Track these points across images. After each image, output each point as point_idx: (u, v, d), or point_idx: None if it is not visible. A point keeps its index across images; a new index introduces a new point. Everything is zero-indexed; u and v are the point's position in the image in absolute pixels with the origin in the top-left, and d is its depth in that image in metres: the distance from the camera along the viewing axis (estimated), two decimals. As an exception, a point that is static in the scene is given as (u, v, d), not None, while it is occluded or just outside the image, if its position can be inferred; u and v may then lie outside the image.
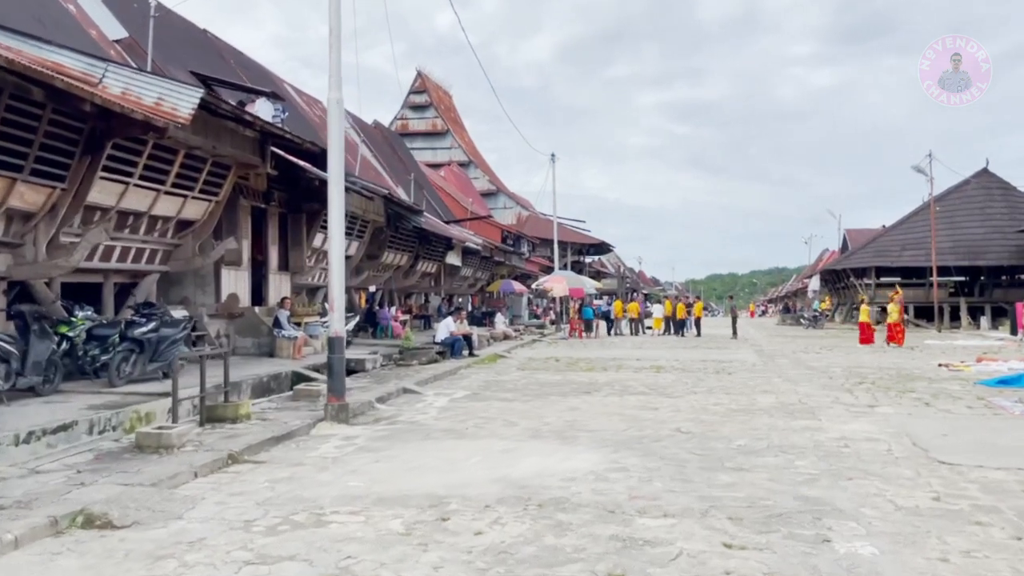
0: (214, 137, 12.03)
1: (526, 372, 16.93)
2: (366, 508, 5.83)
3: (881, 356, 21.00)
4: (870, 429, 9.44)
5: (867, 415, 10.60)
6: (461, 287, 36.18)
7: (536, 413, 10.84)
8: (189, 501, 5.97)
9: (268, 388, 12.26)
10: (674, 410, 11.14)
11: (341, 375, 9.63)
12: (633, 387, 13.99)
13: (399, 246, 24.27)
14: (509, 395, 12.86)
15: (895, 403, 11.80)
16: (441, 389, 13.67)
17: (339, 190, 9.70)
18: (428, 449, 8.17)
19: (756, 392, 13.26)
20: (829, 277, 51.50)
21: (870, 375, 15.88)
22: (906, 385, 14.11)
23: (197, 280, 14.87)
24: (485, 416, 10.56)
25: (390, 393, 12.37)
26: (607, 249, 72.37)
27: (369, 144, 34.43)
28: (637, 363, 19.16)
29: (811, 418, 10.34)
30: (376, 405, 11.32)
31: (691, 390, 13.56)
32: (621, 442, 8.53)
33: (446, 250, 29.44)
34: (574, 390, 13.56)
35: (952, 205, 40.63)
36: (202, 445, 7.84)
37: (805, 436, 8.93)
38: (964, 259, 38.66)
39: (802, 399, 12.26)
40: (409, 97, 65.79)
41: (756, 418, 10.36)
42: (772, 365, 18.68)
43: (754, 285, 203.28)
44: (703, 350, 24.42)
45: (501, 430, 9.40)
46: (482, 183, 65.13)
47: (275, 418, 9.61)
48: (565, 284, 32.48)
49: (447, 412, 10.95)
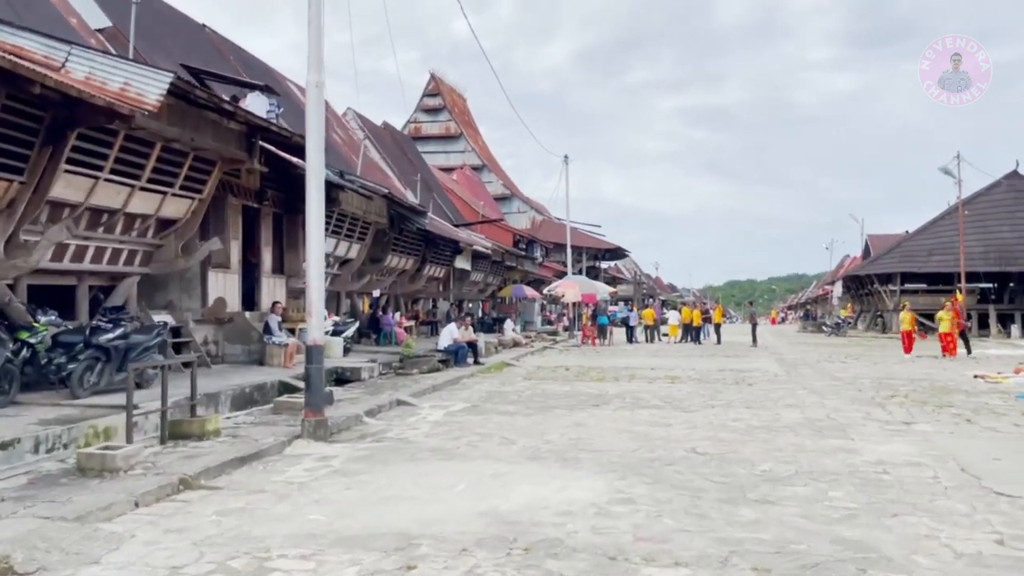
0: (192, 129, 11.19)
1: (532, 382, 15.97)
2: (320, 551, 4.90)
3: (911, 367, 19.85)
4: (910, 451, 8.41)
5: (904, 434, 9.57)
6: (471, 292, 35.28)
7: (538, 429, 9.88)
8: (114, 540, 5.06)
9: (251, 399, 11.38)
10: (689, 427, 10.15)
11: (319, 387, 8.73)
12: (645, 400, 13.00)
13: (404, 249, 23.39)
14: (511, 408, 11.92)
15: (933, 419, 10.75)
16: (439, 401, 12.74)
17: (318, 183, 8.82)
18: (410, 473, 7.23)
19: (779, 406, 12.24)
20: (852, 283, 50.18)
21: (902, 387, 14.80)
22: (942, 399, 13.03)
23: (182, 283, 14.04)
24: (481, 432, 9.61)
25: (381, 405, 11.45)
26: (623, 254, 71.31)
27: (377, 144, 33.66)
28: (651, 373, 18.15)
29: (842, 437, 9.32)
30: (364, 419, 10.40)
31: (708, 403, 12.55)
32: (629, 466, 7.56)
33: (455, 254, 28.55)
34: (582, 403, 12.59)
35: (981, 208, 39.29)
36: (154, 467, 6.94)
37: (837, 459, 7.92)
38: (994, 265, 37.33)
39: (830, 414, 11.23)
40: (423, 100, 65.15)
41: (780, 437, 9.35)
42: (795, 375, 17.62)
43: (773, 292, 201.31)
44: (721, 359, 23.35)
45: (496, 450, 8.45)
46: (496, 187, 64.34)
47: (247, 435, 8.71)
48: (578, 289, 31.48)
49: (440, 428, 10.02)
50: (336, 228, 18.22)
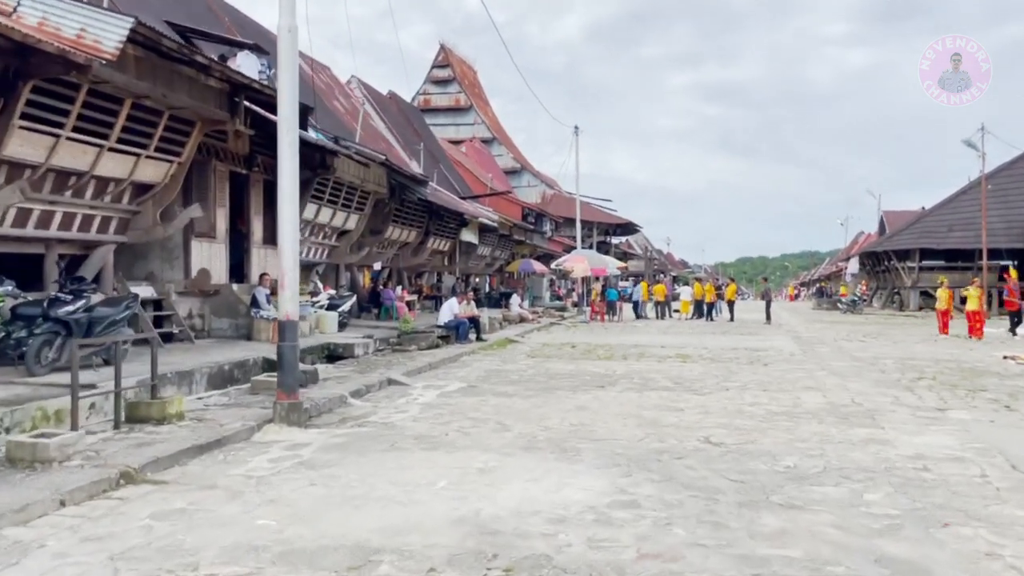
0: (165, 84, 10.28)
1: (536, 360, 15.13)
2: (258, 570, 4.08)
3: (935, 347, 18.89)
4: (949, 443, 7.53)
5: (939, 422, 8.68)
6: (478, 266, 34.40)
7: (537, 413, 9.04)
8: (16, 552, 4.26)
9: (230, 378, 10.58)
10: (702, 411, 9.29)
11: (293, 367, 7.89)
12: (655, 380, 12.15)
13: (406, 221, 22.50)
14: (510, 389, 11.09)
15: (968, 405, 9.85)
16: (434, 380, 11.92)
17: (291, 139, 7.91)
18: (387, 466, 6.40)
19: (799, 389, 11.36)
20: (868, 260, 48.98)
21: (928, 369, 13.88)
22: (974, 382, 12.12)
23: (164, 253, 13.23)
24: (474, 417, 8.78)
25: (370, 385, 10.63)
26: (634, 229, 70.20)
27: (382, 114, 32.67)
28: (661, 351, 17.27)
29: (872, 425, 8.43)
30: (349, 400, 9.59)
31: (722, 385, 11.68)
32: (635, 459, 6.71)
33: (460, 227, 27.65)
34: (586, 383, 11.75)
35: (1004, 183, 37.96)
36: (96, 458, 6.14)
37: (870, 453, 7.04)
38: (1017, 241, 36.06)
39: (855, 399, 10.34)
40: (432, 72, 63.87)
41: (803, 424, 8.48)
42: (812, 355, 16.71)
43: (785, 268, 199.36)
44: (735, 336, 22.44)
45: (488, 437, 7.62)
46: (506, 160, 63.24)
47: (214, 418, 7.90)
48: (587, 264, 30.53)
49: (431, 411, 9.20)
50: (332, 197, 17.35)
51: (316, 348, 13.49)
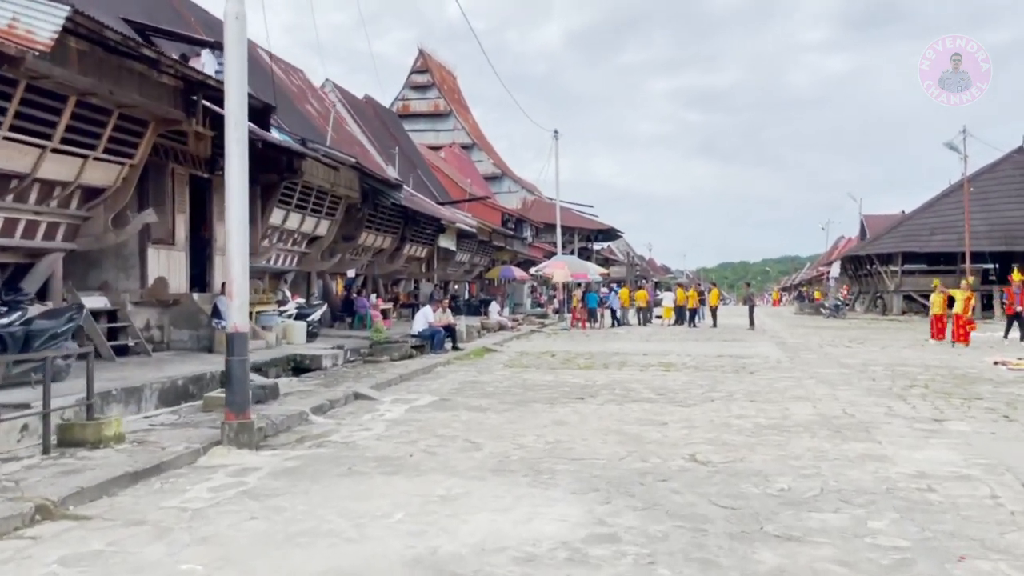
0: (112, 80, 9.62)
1: (513, 370, 14.54)
2: (170, 631, 3.46)
3: (923, 352, 18.49)
4: (952, 459, 7.01)
5: (939, 435, 8.17)
6: (456, 273, 33.81)
7: (511, 430, 8.45)
8: None
9: (184, 394, 9.91)
10: (687, 425, 8.73)
11: (242, 383, 7.25)
12: (637, 391, 11.59)
13: (380, 226, 21.86)
14: (484, 402, 10.48)
15: (966, 416, 9.36)
16: (404, 393, 11.30)
17: (239, 136, 7.30)
18: (341, 494, 5.78)
19: (787, 399, 10.84)
20: (850, 264, 48.82)
21: (919, 376, 13.42)
22: (968, 390, 11.66)
23: (118, 262, 12.53)
24: (443, 434, 8.17)
25: (335, 400, 9.99)
26: (616, 235, 69.86)
27: (357, 118, 31.99)
28: (643, 359, 16.73)
29: (867, 439, 7.91)
30: (310, 417, 8.96)
31: (707, 395, 11.14)
32: (615, 481, 6.13)
33: (437, 232, 27.05)
34: (565, 395, 11.17)
35: (985, 186, 37.85)
36: (15, 488, 5.48)
37: (868, 471, 6.50)
38: (1000, 244, 35.95)
39: (847, 409, 9.83)
40: (411, 77, 63.29)
41: (795, 439, 7.94)
42: (799, 362, 16.24)
43: (767, 273, 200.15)
44: (718, 343, 21.96)
45: (456, 459, 7.01)
46: (486, 166, 62.74)
47: (157, 440, 7.24)
48: (567, 269, 29.99)
49: (397, 428, 8.57)
50: (301, 202, 16.70)
51: (281, 360, 12.83)
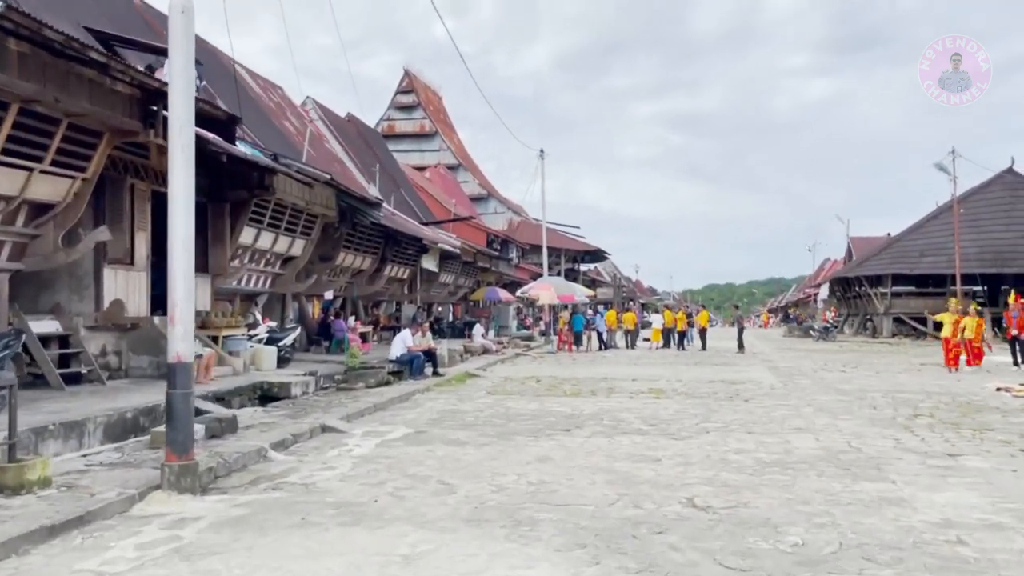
0: (58, 86, 8.87)
1: (496, 398, 13.77)
2: None
3: (921, 377, 17.87)
4: (977, 502, 6.31)
5: (956, 473, 7.47)
6: (440, 295, 33.02)
7: (489, 468, 7.69)
8: None
9: (135, 427, 9.08)
10: (682, 462, 8.00)
11: (185, 420, 6.45)
12: (627, 421, 10.85)
13: (359, 246, 21.11)
14: (463, 434, 9.71)
15: (980, 450, 8.67)
16: (376, 425, 10.50)
17: (185, 142, 6.55)
18: (288, 552, 5.00)
19: (787, 430, 10.14)
20: (838, 286, 48.40)
21: (921, 404, 12.76)
22: (976, 419, 11.00)
23: (72, 283, 11.71)
24: (415, 474, 7.40)
25: (299, 434, 9.19)
26: (602, 256, 69.41)
27: (339, 137, 31.33)
28: (632, 385, 16.01)
29: (880, 478, 7.20)
30: (269, 454, 8.15)
31: (702, 426, 10.42)
32: (604, 534, 5.37)
33: (420, 253, 26.31)
34: (550, 426, 10.41)
35: (975, 207, 37.54)
36: (-99, 549, 4.67)
37: (888, 519, 5.78)
38: (989, 266, 35.54)
39: (852, 442, 9.13)
40: (396, 97, 63.01)
41: (801, 478, 7.22)
42: (794, 388, 15.56)
43: (753, 295, 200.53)
44: (709, 367, 21.27)
45: (426, 504, 6.24)
46: (472, 187, 62.30)
47: (89, 484, 6.43)
48: (553, 291, 29.31)
49: (364, 466, 7.79)
50: (274, 220, 15.95)
51: (246, 388, 12.02)
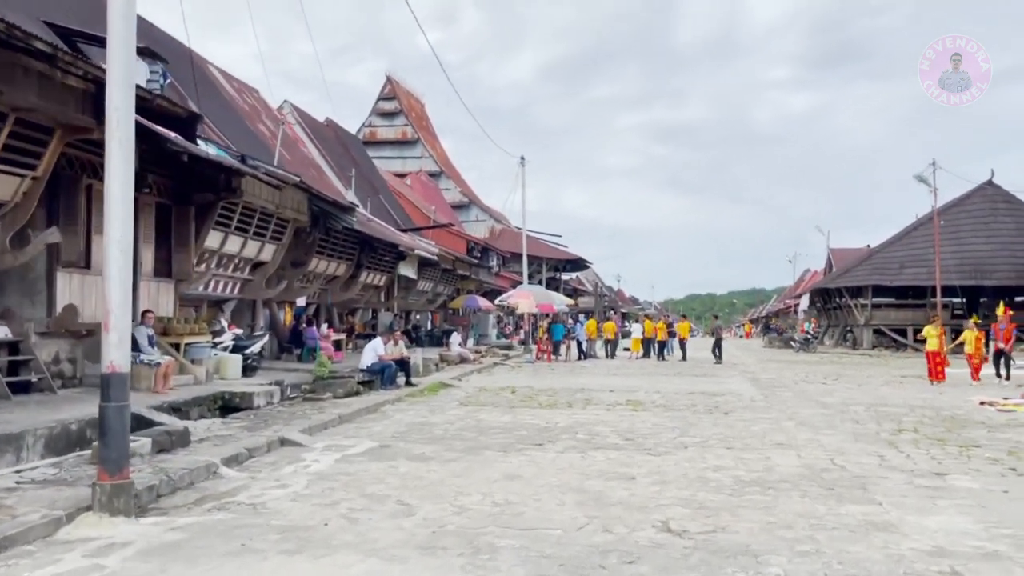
0: (2, 79, 8.37)
1: (468, 409, 13.31)
2: None
3: (904, 390, 17.62)
4: (970, 527, 5.93)
5: (945, 494, 7.11)
6: (418, 302, 32.55)
7: (453, 486, 7.24)
8: None
9: (80, 439, 8.55)
10: (658, 480, 7.59)
11: (119, 436, 5.95)
12: (602, 435, 10.43)
13: (333, 252, 20.60)
14: (430, 449, 9.25)
15: (968, 468, 8.33)
16: (340, 438, 10.01)
17: (124, 136, 6.05)
18: (220, 584, 4.53)
19: (768, 445, 9.76)
20: (819, 297, 48.38)
21: (905, 418, 12.44)
22: (961, 435, 10.67)
23: (23, 287, 11.15)
24: (373, 493, 6.93)
25: (255, 448, 8.69)
26: (584, 265, 69.11)
27: (316, 141, 30.81)
28: (610, 396, 15.61)
29: (866, 500, 6.82)
30: (220, 470, 7.66)
31: (679, 441, 10.02)
32: (571, 563, 4.94)
33: (397, 260, 25.83)
34: (522, 440, 9.98)
35: (955, 219, 37.61)
36: None
37: (876, 547, 5.39)
38: (969, 278, 35.56)
39: (835, 459, 8.77)
40: (378, 104, 62.70)
41: (782, 499, 6.82)
42: (775, 400, 15.21)
43: (733, 305, 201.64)
44: (689, 378, 20.92)
45: (380, 528, 5.78)
46: (454, 194, 62.01)
47: (14, 504, 5.90)
48: (532, 300, 28.90)
49: (320, 484, 7.31)
50: (243, 224, 15.43)
51: (206, 398, 11.50)
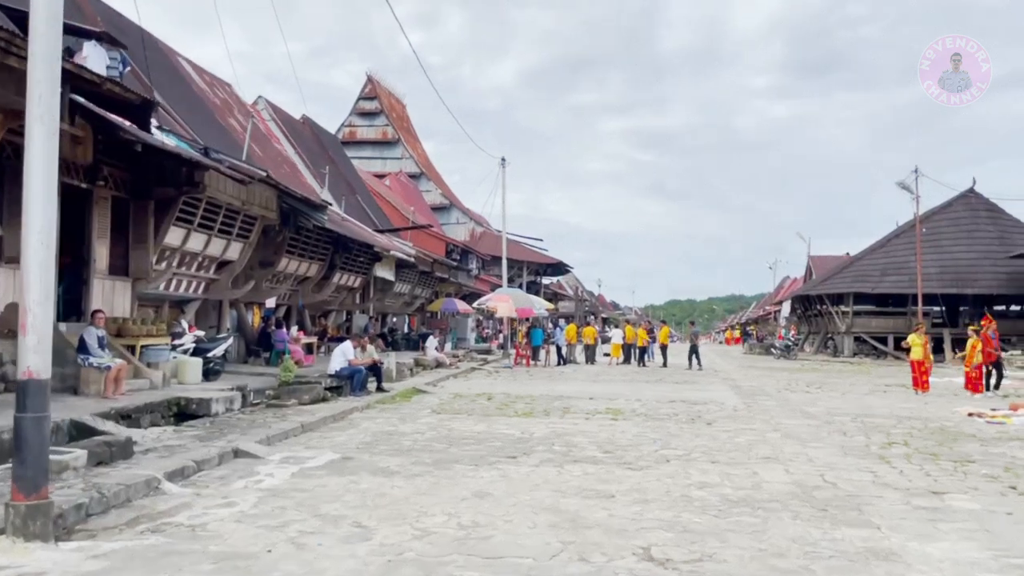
0: (-70, 56, 7.69)
1: (441, 417, 12.70)
2: None
3: (890, 400, 17.20)
4: (977, 556, 5.43)
5: (945, 516, 6.60)
6: (395, 305, 31.87)
7: (417, 505, 6.63)
8: None
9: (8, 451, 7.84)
10: (639, 499, 7.03)
11: (37, 451, 5.29)
12: (580, 447, 9.87)
13: (305, 252, 19.91)
14: (395, 462, 8.63)
15: (966, 487, 7.85)
16: (300, 449, 9.37)
17: (46, 111, 5.41)
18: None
19: (754, 459, 9.25)
20: (799, 304, 48.16)
21: (893, 430, 12.00)
22: (954, 449, 10.22)
23: (-38, 283, 10.44)
24: (327, 513, 6.31)
25: (205, 460, 8.04)
26: (565, 270, 68.71)
27: (291, 138, 30.09)
28: (589, 404, 15.06)
29: (863, 523, 6.30)
30: (162, 485, 7.01)
31: (661, 454, 9.48)
32: (541, 602, 4.37)
33: (373, 261, 25.16)
34: (495, 452, 9.39)
35: (936, 227, 37.45)
36: None
37: (881, 580, 4.86)
38: (950, 286, 35.37)
39: (826, 475, 8.26)
40: (358, 103, 62.12)
41: (773, 522, 6.29)
42: (758, 410, 14.73)
43: (713, 311, 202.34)
44: (670, 385, 20.44)
45: (329, 556, 5.17)
46: (434, 196, 61.47)
47: (-85, 528, 5.25)
48: (511, 303, 28.32)
49: (271, 502, 6.68)
50: (207, 221, 14.74)
51: (160, 404, 10.81)
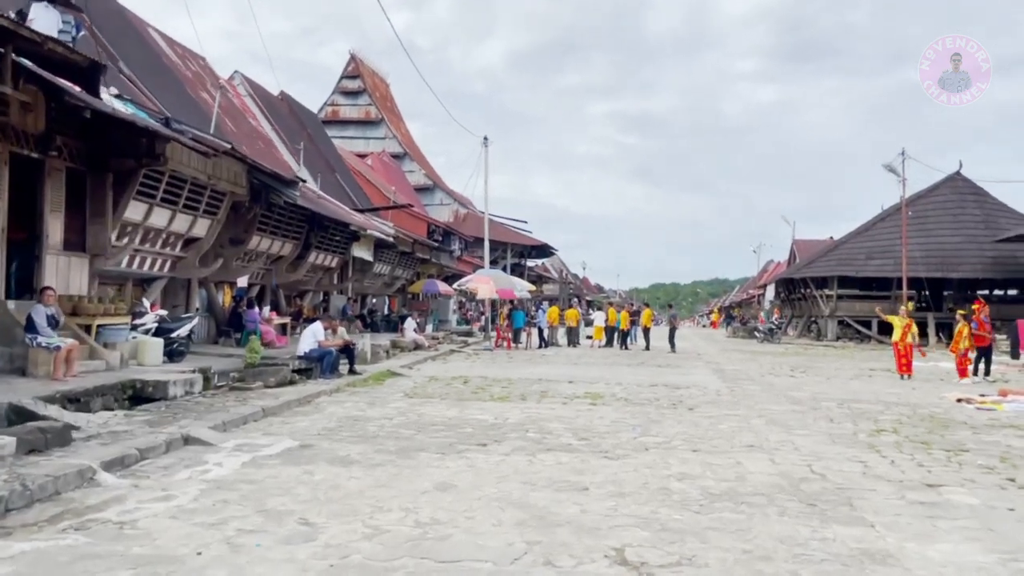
0: None
1: (412, 402, 12.16)
2: None
3: (875, 384, 16.83)
4: (984, 560, 4.99)
5: (942, 511, 6.16)
6: (375, 286, 31.24)
7: (373, 499, 6.11)
8: None
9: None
10: (615, 492, 6.54)
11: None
12: (555, 434, 9.37)
13: (277, 230, 19.25)
14: (357, 450, 8.10)
15: (961, 478, 7.42)
16: (257, 436, 8.82)
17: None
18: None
19: (737, 447, 8.79)
20: (783, 287, 47.91)
21: (881, 416, 11.59)
22: (945, 437, 9.81)
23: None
24: (272, 509, 5.77)
25: (151, 448, 7.47)
26: (549, 252, 68.15)
27: (268, 114, 29.27)
28: (568, 388, 14.57)
29: (854, 519, 5.84)
30: (97, 477, 6.44)
31: (640, 442, 9.00)
32: (497, 615, 3.86)
33: (351, 240, 24.51)
34: (464, 439, 8.88)
35: (922, 211, 37.16)
36: None
37: (877, 588, 4.39)
38: (936, 270, 35.15)
39: (814, 466, 7.81)
40: (341, 82, 61.12)
41: (759, 518, 5.81)
42: (741, 394, 14.30)
43: (696, 295, 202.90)
44: (652, 368, 20.01)
45: (266, 559, 4.63)
46: (418, 177, 60.71)
47: None
48: (492, 285, 27.75)
49: (213, 495, 6.13)
50: (171, 195, 14.07)
51: (113, 387, 10.20)
